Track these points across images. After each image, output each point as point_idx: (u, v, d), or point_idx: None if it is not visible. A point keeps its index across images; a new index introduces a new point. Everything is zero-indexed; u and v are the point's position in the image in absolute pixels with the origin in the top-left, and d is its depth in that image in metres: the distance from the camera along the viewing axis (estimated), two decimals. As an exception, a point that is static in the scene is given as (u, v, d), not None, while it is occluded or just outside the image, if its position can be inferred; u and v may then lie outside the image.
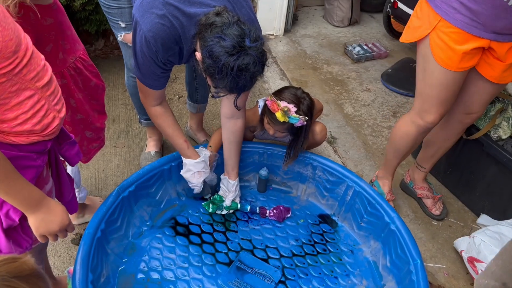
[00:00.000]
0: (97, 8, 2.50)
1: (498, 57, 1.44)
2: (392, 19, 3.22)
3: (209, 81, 1.30)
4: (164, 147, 2.21)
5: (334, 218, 1.87)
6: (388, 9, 3.06)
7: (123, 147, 2.23)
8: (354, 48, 3.12)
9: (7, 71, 0.90)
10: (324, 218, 1.87)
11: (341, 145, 2.36)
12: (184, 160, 1.69)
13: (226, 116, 1.68)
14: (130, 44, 1.69)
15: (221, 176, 1.82)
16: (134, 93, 1.90)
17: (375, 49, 3.16)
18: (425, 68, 1.54)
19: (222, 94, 1.32)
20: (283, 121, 1.69)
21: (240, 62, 1.17)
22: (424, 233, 1.92)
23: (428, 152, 1.90)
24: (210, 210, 1.79)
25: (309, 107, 1.74)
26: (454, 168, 2.06)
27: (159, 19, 1.30)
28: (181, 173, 1.71)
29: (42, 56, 1.02)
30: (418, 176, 2.00)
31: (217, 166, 1.86)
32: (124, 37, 1.71)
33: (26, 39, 0.97)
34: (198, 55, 1.28)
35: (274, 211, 1.82)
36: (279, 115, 1.67)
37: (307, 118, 1.69)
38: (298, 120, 1.67)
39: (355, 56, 3.06)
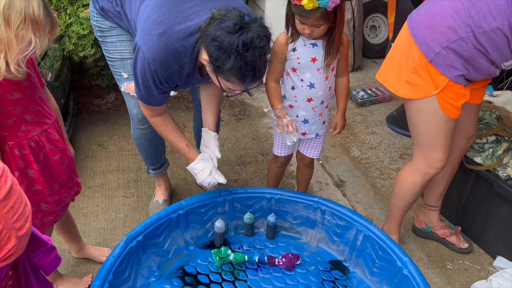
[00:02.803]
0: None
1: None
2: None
3: (220, 80, 1.30)
4: (173, 195, 2.22)
5: (345, 264, 1.82)
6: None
7: (132, 196, 2.25)
8: (358, 92, 3.18)
9: None
10: (336, 265, 1.82)
11: (349, 189, 2.34)
12: (189, 165, 1.73)
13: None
14: (133, 94, 1.75)
15: (202, 129, 1.82)
16: (140, 144, 1.95)
17: (378, 93, 3.22)
18: (427, 122, 1.57)
19: (237, 91, 1.34)
20: (314, 9, 1.48)
21: (244, 37, 1.18)
22: (439, 277, 1.86)
23: (437, 191, 1.90)
24: (216, 264, 1.76)
25: None
26: (466, 209, 2.02)
27: (157, 38, 1.35)
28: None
29: (0, 165, 0.86)
30: (434, 217, 1.98)
31: (225, 212, 1.85)
32: (126, 87, 1.78)
33: None
34: (203, 56, 1.30)
35: (283, 259, 1.79)
36: (306, 1, 1.46)
37: None
38: (329, 0, 1.46)
39: (360, 100, 3.11)
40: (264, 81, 1.45)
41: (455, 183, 1.92)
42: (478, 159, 1.87)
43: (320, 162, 2.56)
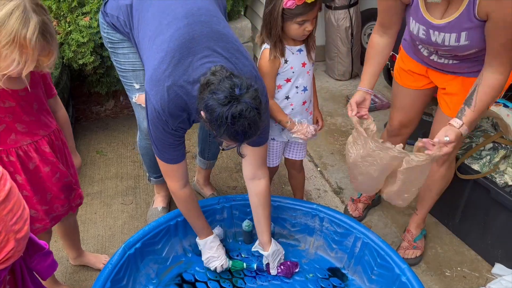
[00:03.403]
0: (108, 71, 2.63)
1: (446, 92, 1.64)
2: (391, 71, 3.32)
3: (214, 135, 1.35)
4: (171, 202, 2.22)
5: (344, 271, 1.82)
6: (387, 62, 3.16)
7: (130, 203, 2.24)
8: (356, 99, 3.19)
9: None
10: (334, 272, 1.82)
11: (348, 196, 2.35)
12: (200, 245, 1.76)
13: (248, 177, 1.68)
14: (144, 105, 1.77)
15: (256, 246, 1.79)
16: (146, 154, 1.96)
17: (377, 100, 3.23)
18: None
19: (232, 146, 1.37)
20: (314, 0, 1.54)
21: (234, 111, 1.24)
22: (438, 284, 1.86)
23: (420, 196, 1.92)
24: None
25: None
26: (464, 216, 2.03)
27: (166, 90, 1.38)
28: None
29: (0, 169, 0.88)
30: (411, 219, 2.00)
31: (223, 220, 1.86)
32: (138, 98, 1.78)
33: None
34: (202, 113, 1.34)
35: (282, 267, 1.79)
36: None
37: None
38: None
39: (358, 107, 3.12)
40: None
41: (452, 190, 1.92)
42: (475, 166, 1.88)
43: (318, 169, 2.56)
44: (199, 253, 1.84)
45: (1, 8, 1.12)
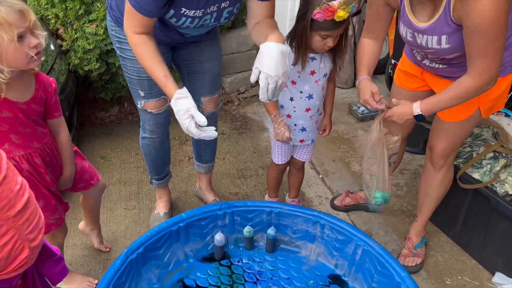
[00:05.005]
0: (113, 77, 2.66)
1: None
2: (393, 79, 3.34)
3: None
4: (173, 208, 2.24)
5: (344, 278, 1.83)
6: (389, 70, 3.19)
7: (133, 209, 2.27)
8: (359, 107, 3.21)
9: None
10: (335, 279, 1.83)
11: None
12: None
13: (254, 23, 1.57)
14: (150, 110, 1.81)
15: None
16: (148, 153, 1.99)
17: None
18: None
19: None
20: (342, 20, 1.54)
21: None
22: (439, 293, 1.87)
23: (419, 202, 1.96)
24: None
25: None
26: (464, 225, 2.03)
27: None
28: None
29: (19, 179, 0.89)
30: (412, 227, 2.02)
31: (225, 225, 1.87)
32: (144, 104, 1.82)
33: (0, 159, 0.86)
34: None
35: None
36: (342, 13, 1.51)
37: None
38: (354, 5, 1.53)
39: (360, 115, 3.14)
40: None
41: (453, 199, 1.93)
42: (476, 175, 1.89)
43: (320, 176, 2.58)
44: (200, 259, 1.85)
45: None
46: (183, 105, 1.37)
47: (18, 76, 1.30)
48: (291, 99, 1.80)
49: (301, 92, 1.79)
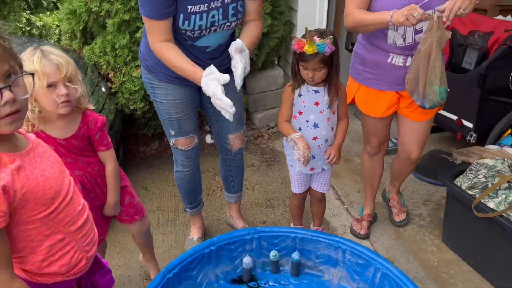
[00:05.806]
0: (155, 115, 2.96)
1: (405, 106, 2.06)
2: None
3: None
4: (206, 233, 2.43)
5: (365, 302, 1.92)
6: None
7: (170, 234, 2.47)
8: (384, 141, 3.33)
9: (43, 215, 0.94)
10: (356, 303, 1.92)
11: (373, 232, 2.46)
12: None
13: (245, 20, 1.82)
14: (180, 147, 2.04)
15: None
16: (181, 184, 2.21)
17: (395, 141, 3.34)
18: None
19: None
20: (314, 54, 1.72)
21: None
22: (458, 319, 1.91)
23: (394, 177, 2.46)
24: None
25: (332, 35, 1.77)
26: (483, 254, 2.09)
27: None
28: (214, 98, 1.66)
29: (81, 201, 1.06)
30: (391, 190, 2.51)
31: (252, 250, 2.02)
32: (175, 142, 2.05)
33: (69, 184, 1.02)
34: None
35: None
36: (307, 47, 1.71)
37: (332, 39, 1.72)
38: (326, 45, 1.71)
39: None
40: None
41: (471, 228, 2.00)
42: (491, 205, 1.96)
43: (345, 206, 2.70)
44: (230, 281, 2.00)
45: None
46: (211, 75, 1.60)
47: (61, 116, 1.45)
48: (300, 128, 1.99)
49: (307, 121, 1.97)
